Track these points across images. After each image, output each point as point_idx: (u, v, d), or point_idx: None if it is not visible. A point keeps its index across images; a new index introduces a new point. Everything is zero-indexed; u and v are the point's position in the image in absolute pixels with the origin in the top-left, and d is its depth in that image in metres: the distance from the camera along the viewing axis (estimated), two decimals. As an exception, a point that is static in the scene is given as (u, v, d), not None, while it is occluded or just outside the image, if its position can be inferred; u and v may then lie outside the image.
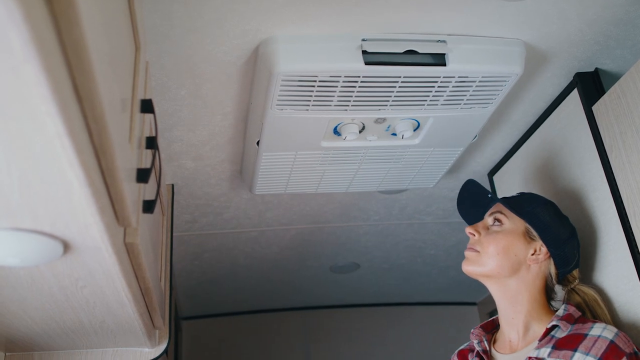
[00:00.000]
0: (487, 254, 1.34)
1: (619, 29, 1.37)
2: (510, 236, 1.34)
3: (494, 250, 1.33)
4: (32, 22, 0.43)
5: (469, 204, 1.52)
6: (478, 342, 1.38)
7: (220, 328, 3.40)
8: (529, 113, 1.70)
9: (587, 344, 1.16)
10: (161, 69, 1.36)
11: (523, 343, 1.31)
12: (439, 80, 1.36)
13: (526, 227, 1.34)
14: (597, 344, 1.15)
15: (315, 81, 1.32)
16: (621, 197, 1.34)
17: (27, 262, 0.78)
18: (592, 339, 1.17)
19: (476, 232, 1.38)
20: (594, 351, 1.14)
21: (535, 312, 1.32)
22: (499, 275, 1.33)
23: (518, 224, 1.35)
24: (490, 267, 1.33)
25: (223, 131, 1.64)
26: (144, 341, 1.43)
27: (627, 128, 1.32)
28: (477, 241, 1.37)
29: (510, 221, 1.36)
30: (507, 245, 1.33)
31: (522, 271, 1.32)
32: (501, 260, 1.32)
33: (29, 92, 0.48)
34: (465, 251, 1.39)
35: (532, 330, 1.31)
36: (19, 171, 0.58)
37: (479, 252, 1.35)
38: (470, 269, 1.36)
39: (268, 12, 1.21)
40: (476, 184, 1.48)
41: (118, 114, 0.68)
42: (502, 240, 1.33)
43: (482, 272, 1.35)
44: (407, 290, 3.30)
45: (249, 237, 2.41)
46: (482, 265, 1.34)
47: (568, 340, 1.20)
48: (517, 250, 1.32)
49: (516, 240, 1.33)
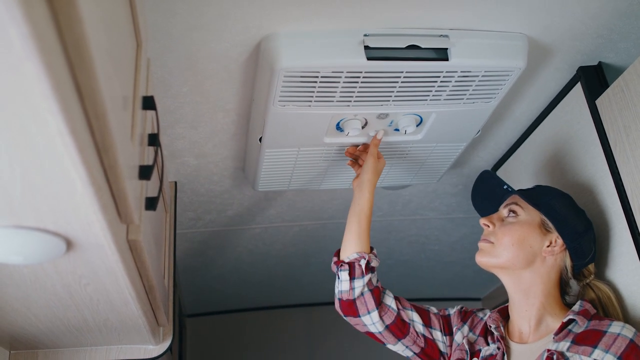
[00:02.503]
0: (501, 245, 1.32)
1: (623, 22, 1.36)
2: (525, 227, 1.32)
3: (508, 241, 1.32)
4: (32, 19, 0.43)
5: (483, 195, 1.51)
6: (495, 327, 1.36)
7: (224, 325, 3.40)
8: (532, 107, 1.70)
9: (607, 341, 1.15)
10: (163, 65, 1.35)
11: (535, 336, 1.30)
12: (441, 75, 1.36)
13: (542, 219, 1.33)
14: (617, 342, 1.14)
15: (318, 77, 1.31)
16: (625, 191, 1.34)
17: (30, 260, 0.78)
18: (611, 336, 1.15)
19: (491, 223, 1.37)
20: (614, 349, 1.13)
21: (550, 305, 1.30)
22: (513, 267, 1.32)
23: (534, 215, 1.34)
24: (504, 259, 1.32)
25: (225, 128, 1.63)
26: (148, 338, 1.43)
27: (631, 122, 1.32)
28: (491, 232, 1.36)
29: (525, 212, 1.35)
30: (523, 236, 1.31)
31: (537, 263, 1.31)
32: (516, 252, 1.31)
33: (30, 89, 0.48)
34: (479, 242, 1.38)
35: (544, 324, 1.30)
36: (22, 169, 0.58)
37: (493, 243, 1.34)
38: (485, 260, 1.35)
39: (270, 8, 1.21)
40: (492, 174, 1.47)
41: (120, 111, 0.68)
42: (517, 231, 1.32)
43: (496, 263, 1.33)
44: (411, 286, 3.30)
45: (252, 234, 2.41)
46: (497, 256, 1.33)
47: (587, 335, 1.18)
48: (532, 242, 1.31)
49: (532, 232, 1.32)
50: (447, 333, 1.45)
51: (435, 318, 1.46)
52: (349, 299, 1.43)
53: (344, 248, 1.49)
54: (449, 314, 1.48)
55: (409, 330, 1.43)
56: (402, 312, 1.45)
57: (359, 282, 1.42)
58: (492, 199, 1.48)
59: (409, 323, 1.44)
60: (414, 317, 1.45)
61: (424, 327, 1.44)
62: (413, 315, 1.45)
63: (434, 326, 1.45)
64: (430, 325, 1.45)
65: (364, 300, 1.43)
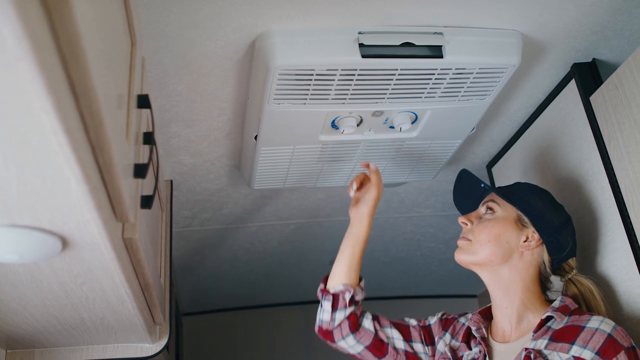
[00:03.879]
0: (479, 242, 1.34)
1: (616, 19, 1.37)
2: (501, 223, 1.34)
3: (485, 238, 1.33)
4: (25, 18, 0.43)
5: (463, 195, 1.52)
6: (476, 329, 1.37)
7: (220, 323, 3.41)
8: (527, 104, 1.70)
9: (585, 337, 1.14)
10: (158, 64, 1.35)
11: (517, 333, 1.30)
12: (436, 72, 1.36)
13: (518, 214, 1.34)
14: (594, 337, 1.13)
15: (313, 75, 1.31)
16: (620, 188, 1.34)
17: (26, 259, 0.78)
18: (589, 331, 1.15)
19: (469, 221, 1.38)
20: (592, 345, 1.12)
21: (529, 301, 1.31)
22: (491, 263, 1.33)
23: (510, 212, 1.35)
24: (482, 256, 1.33)
25: (221, 126, 1.63)
26: (145, 337, 1.43)
27: (625, 118, 1.32)
28: (469, 230, 1.37)
29: (502, 209, 1.36)
30: (499, 232, 1.32)
31: (515, 259, 1.32)
32: (493, 248, 1.32)
33: (24, 88, 0.48)
34: (458, 241, 1.39)
35: (526, 321, 1.30)
36: (17, 168, 0.58)
37: (471, 240, 1.35)
38: (463, 257, 1.37)
39: (264, 6, 1.21)
40: (469, 174, 1.48)
41: (114, 109, 0.68)
42: (493, 228, 1.33)
43: (474, 260, 1.35)
44: (406, 284, 3.31)
45: (248, 232, 2.41)
46: (475, 253, 1.34)
47: (565, 332, 1.18)
48: (508, 237, 1.32)
49: (508, 227, 1.33)
50: (429, 343, 1.46)
51: (415, 331, 1.48)
52: (327, 328, 1.48)
53: (332, 276, 1.52)
54: (430, 324, 1.50)
55: (388, 350, 1.45)
56: (379, 332, 1.47)
57: (340, 314, 1.46)
58: (472, 198, 1.49)
59: (387, 342, 1.46)
60: (393, 334, 1.47)
61: (404, 342, 1.46)
62: (392, 332, 1.47)
63: (414, 339, 1.47)
64: (410, 339, 1.47)
65: (339, 328, 1.47)
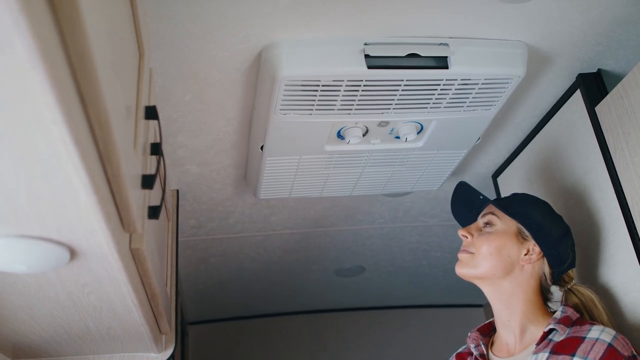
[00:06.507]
0: (480, 255, 1.33)
1: (622, 30, 1.37)
2: (502, 236, 1.33)
3: (486, 251, 1.32)
4: (37, 30, 0.43)
5: (462, 207, 1.51)
6: (475, 346, 1.37)
7: (226, 332, 3.40)
8: (532, 114, 1.70)
9: (585, 347, 1.14)
10: (165, 75, 1.36)
11: (520, 346, 1.29)
12: (441, 83, 1.36)
13: (518, 227, 1.34)
14: (595, 347, 1.13)
15: (319, 85, 1.32)
16: (626, 198, 1.34)
17: (34, 269, 0.79)
18: (590, 342, 1.15)
19: (469, 234, 1.38)
20: (592, 355, 1.12)
21: (532, 313, 1.30)
22: (492, 277, 1.32)
23: (510, 224, 1.34)
24: (484, 269, 1.32)
25: (227, 136, 1.64)
26: (151, 346, 1.43)
27: (630, 128, 1.32)
28: (470, 243, 1.36)
29: (502, 222, 1.35)
30: (500, 245, 1.32)
31: (516, 272, 1.31)
32: (494, 261, 1.31)
33: (34, 99, 0.48)
34: (458, 254, 1.38)
35: (529, 333, 1.29)
36: (26, 178, 0.58)
37: (473, 253, 1.34)
38: (464, 271, 1.36)
39: (271, 17, 1.22)
40: (468, 186, 1.47)
41: (123, 120, 0.69)
42: (494, 241, 1.33)
43: (475, 273, 1.34)
44: (412, 293, 3.30)
45: (254, 242, 2.42)
46: (476, 267, 1.33)
47: (565, 344, 1.18)
48: (509, 251, 1.31)
49: (508, 241, 1.32)
50: None
51: None
52: None
53: None
54: None
55: None
56: None
57: None
58: (471, 209, 1.49)
59: None
60: None
61: None
62: None
63: None
64: None
65: None
